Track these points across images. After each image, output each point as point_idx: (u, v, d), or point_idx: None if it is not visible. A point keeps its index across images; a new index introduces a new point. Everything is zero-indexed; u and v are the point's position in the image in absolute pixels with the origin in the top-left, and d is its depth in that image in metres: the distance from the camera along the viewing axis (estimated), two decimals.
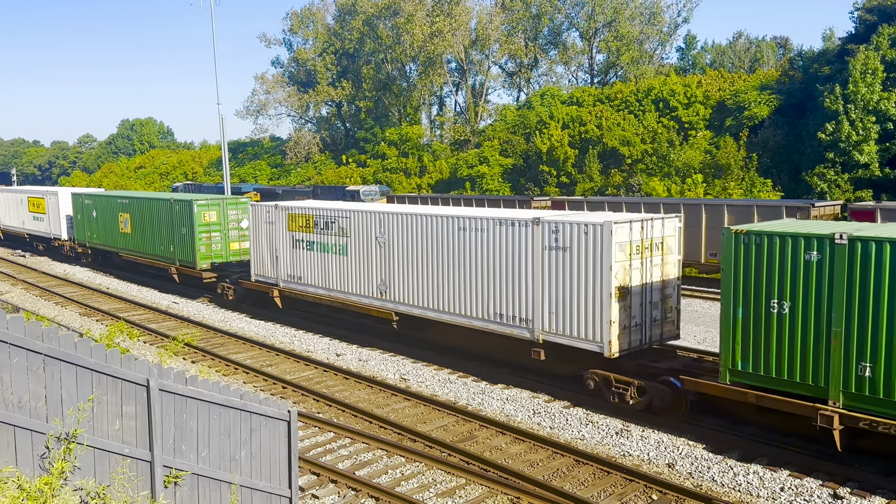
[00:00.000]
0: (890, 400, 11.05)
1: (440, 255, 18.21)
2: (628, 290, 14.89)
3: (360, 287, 20.64)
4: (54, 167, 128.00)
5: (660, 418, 14.37)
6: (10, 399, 6.51)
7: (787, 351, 12.13)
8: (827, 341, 11.71)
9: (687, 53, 65.01)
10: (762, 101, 43.81)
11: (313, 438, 14.27)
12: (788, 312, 12.06)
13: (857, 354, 11.37)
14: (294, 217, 22.54)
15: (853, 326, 11.38)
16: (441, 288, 18.29)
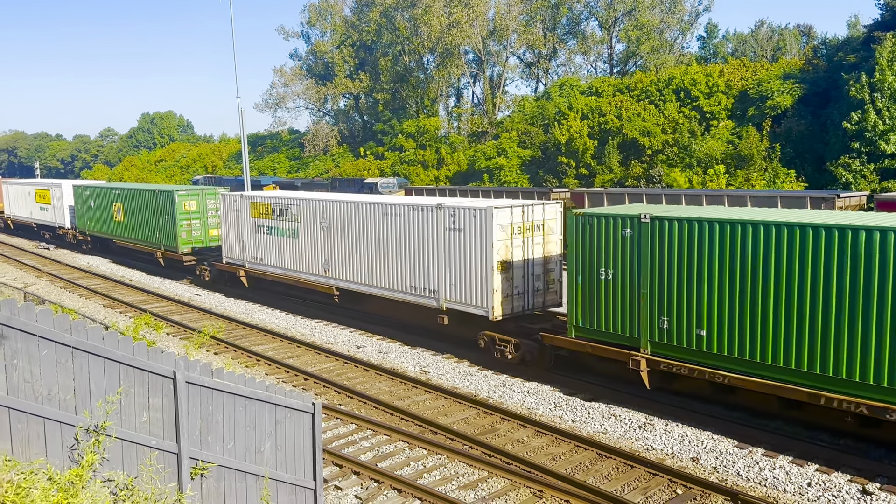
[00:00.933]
0: (682, 347, 13.84)
1: (370, 237, 20.81)
2: (510, 264, 17.57)
3: (309, 266, 23.24)
4: (76, 160, 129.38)
5: (681, 411, 14.27)
6: (39, 391, 6.56)
7: (612, 310, 14.93)
8: (638, 301, 14.45)
9: (708, 42, 64.21)
10: (785, 91, 43.19)
11: (335, 430, 14.32)
12: (612, 278, 14.85)
13: (658, 311, 14.10)
14: (256, 205, 25.10)
15: (655, 289, 14.12)
16: (371, 266, 20.87)
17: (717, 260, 13.21)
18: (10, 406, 6.38)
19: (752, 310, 12.80)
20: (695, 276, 13.51)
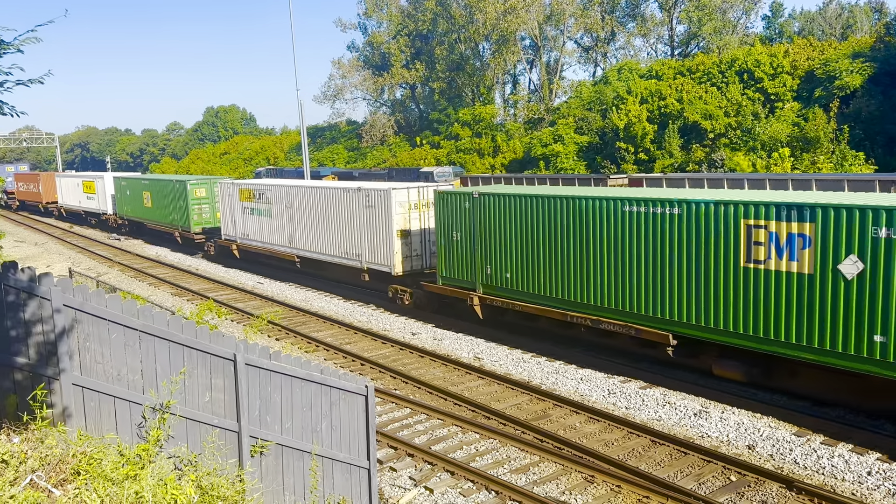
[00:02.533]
0: (498, 287, 19.01)
1: (318, 215, 26.09)
2: (409, 233, 22.64)
3: (279, 239, 28.64)
4: (145, 154, 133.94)
5: (737, 398, 14.08)
6: (110, 372, 7.02)
7: (460, 262, 20.03)
8: (473, 255, 19.68)
9: (773, 22, 62.13)
10: (855, 70, 41.52)
11: (391, 414, 14.66)
12: (459, 239, 19.94)
13: (484, 262, 19.26)
14: (242, 191, 30.74)
15: (482, 245, 19.21)
16: (320, 237, 26.13)
17: (516, 223, 18.18)
18: (84, 385, 6.85)
19: (537, 258, 17.79)
20: (503, 235, 18.57)
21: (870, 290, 11.92)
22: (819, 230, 12.48)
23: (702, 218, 14.26)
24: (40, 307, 6.59)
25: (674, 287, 14.91)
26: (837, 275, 12.34)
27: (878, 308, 11.86)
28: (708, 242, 14.21)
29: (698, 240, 14.38)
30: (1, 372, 6.51)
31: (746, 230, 13.56)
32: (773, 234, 13.18)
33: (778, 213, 13.10)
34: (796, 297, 12.95)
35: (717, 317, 14.20)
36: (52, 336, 6.61)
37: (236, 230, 31.55)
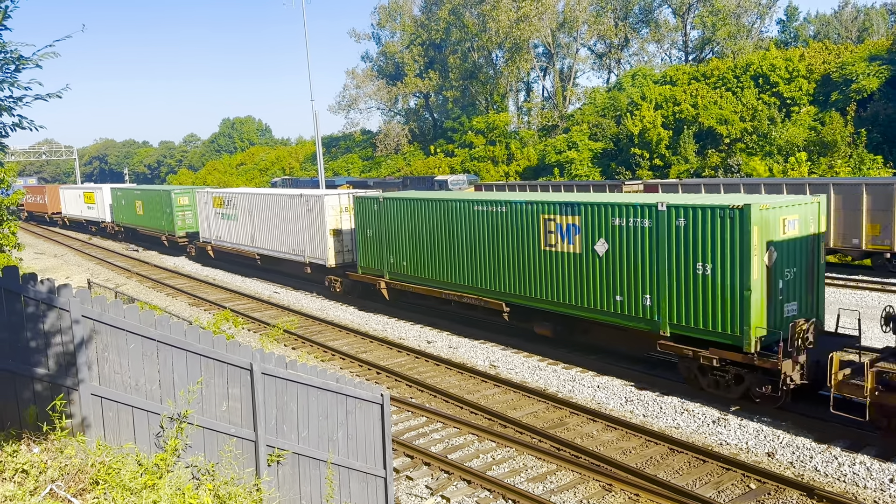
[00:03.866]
0: (399, 273, 22.97)
1: (270, 217, 30.18)
2: (340, 231, 26.56)
3: (243, 240, 32.66)
4: (162, 166, 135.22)
5: (757, 406, 13.94)
6: (128, 382, 7.08)
7: (373, 253, 24.05)
8: (381, 249, 23.41)
9: (788, 26, 61.79)
10: (871, 73, 41.18)
11: (407, 422, 14.65)
12: (371, 235, 23.93)
13: (388, 252, 23.24)
14: (215, 199, 34.63)
15: (387, 239, 23.14)
16: (273, 237, 30.15)
17: (408, 222, 22.29)
18: (103, 395, 6.91)
19: (422, 249, 21.88)
20: (401, 231, 22.60)
21: (612, 264, 16.12)
22: (583, 221, 16.63)
23: (518, 214, 18.41)
24: (59, 318, 6.66)
25: (505, 267, 19.07)
26: (595, 253, 16.44)
27: (617, 276, 16.02)
28: (522, 233, 18.36)
29: (516, 231, 18.55)
30: (21, 383, 6.58)
31: (544, 223, 17.68)
32: (559, 225, 17.32)
33: (561, 210, 17.19)
34: (573, 271, 17.09)
35: (530, 288, 18.36)
36: (70, 347, 6.68)
37: (211, 233, 35.60)
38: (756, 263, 13.62)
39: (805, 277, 14.60)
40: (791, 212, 14.22)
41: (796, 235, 14.32)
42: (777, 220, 13.98)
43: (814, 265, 14.73)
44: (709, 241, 14.20)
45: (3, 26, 6.11)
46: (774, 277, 13.99)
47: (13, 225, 21.63)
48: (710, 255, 14.21)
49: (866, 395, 11.73)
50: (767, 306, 13.88)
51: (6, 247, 20.65)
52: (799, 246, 14.44)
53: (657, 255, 15.19)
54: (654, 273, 15.30)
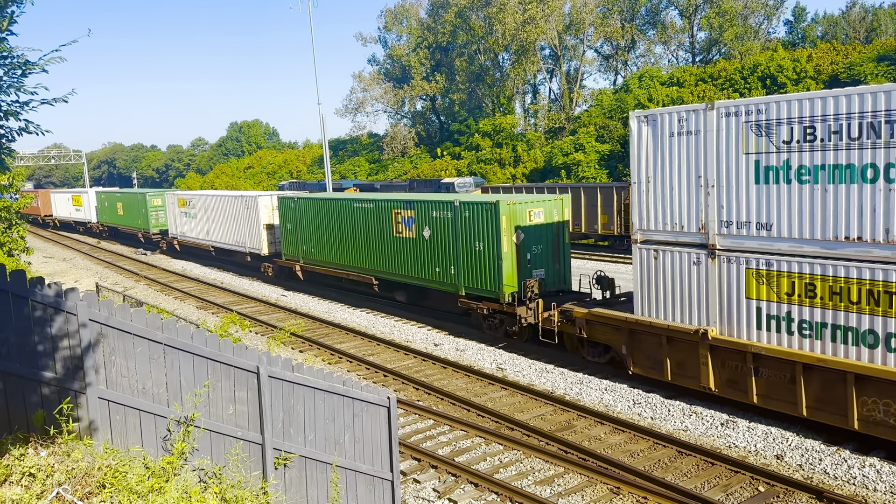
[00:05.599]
0: (311, 258, 28.52)
1: (221, 215, 35.32)
2: (272, 226, 31.98)
3: (201, 234, 37.76)
4: (170, 170, 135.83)
5: (770, 410, 13.86)
6: (135, 385, 7.09)
7: (292, 242, 29.50)
8: (297, 239, 29.07)
9: (796, 26, 61.56)
10: (880, 73, 40.99)
11: (414, 425, 14.64)
12: (291, 228, 29.40)
13: (301, 241, 28.72)
14: (180, 200, 40.02)
15: (301, 231, 28.78)
16: (224, 231, 35.28)
17: (314, 217, 27.93)
18: (110, 399, 6.93)
19: (323, 237, 27.56)
20: (309, 224, 28.22)
21: (433, 245, 21.92)
22: (416, 214, 22.48)
23: (380, 210, 24.23)
24: (67, 322, 6.68)
25: (373, 250, 24.86)
26: (423, 238, 22.27)
27: (436, 254, 21.87)
28: (382, 224, 24.17)
29: (379, 222, 24.34)
30: (28, 386, 6.60)
31: (394, 216, 23.52)
32: (403, 217, 23.10)
33: (404, 206, 23.15)
34: (412, 251, 22.91)
35: (389, 266, 24.17)
36: (78, 350, 6.69)
37: (177, 229, 40.88)
38: (506, 242, 19.39)
39: (551, 252, 20.27)
40: (536, 206, 20.04)
41: (541, 222, 20.03)
42: (524, 212, 19.71)
43: (558, 243, 20.39)
44: (480, 227, 20.04)
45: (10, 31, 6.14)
46: (522, 251, 19.65)
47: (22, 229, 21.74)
48: (481, 237, 20.05)
49: (555, 326, 17.67)
50: (518, 272, 19.54)
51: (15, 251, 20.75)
52: (544, 230, 20.10)
53: (456, 238, 20.98)
54: (455, 251, 21.11)
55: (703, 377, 14.29)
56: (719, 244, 13.75)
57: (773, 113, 12.63)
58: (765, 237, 13.05)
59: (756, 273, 13.24)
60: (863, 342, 11.91)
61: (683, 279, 14.42)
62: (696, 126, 13.83)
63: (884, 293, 11.53)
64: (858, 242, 11.80)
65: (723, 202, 13.54)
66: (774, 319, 13.06)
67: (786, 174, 12.59)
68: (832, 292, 12.23)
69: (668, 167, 14.34)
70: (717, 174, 13.56)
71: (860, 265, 11.81)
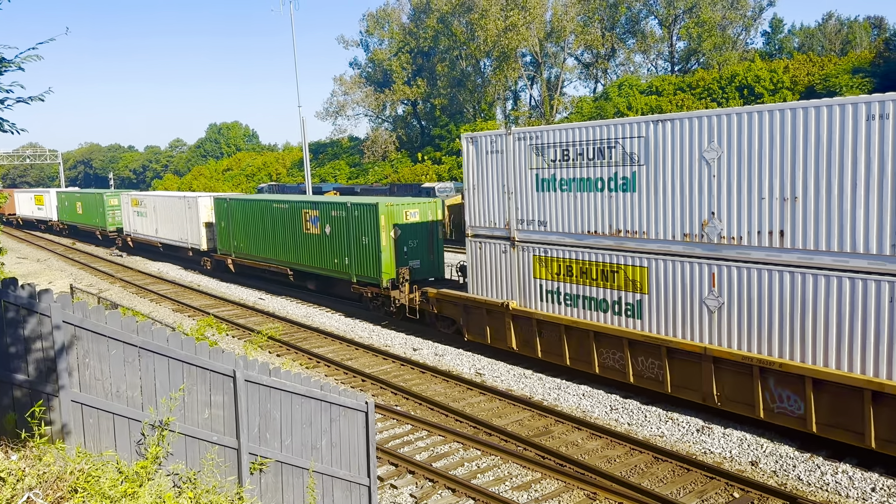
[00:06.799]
0: (241, 252, 32.00)
1: (168, 214, 38.23)
2: (211, 224, 34.55)
3: (151, 232, 41.03)
4: (147, 170, 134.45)
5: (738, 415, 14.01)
6: (109, 389, 6.99)
7: (226, 238, 32.84)
8: (229, 235, 32.48)
9: (773, 38, 62.49)
10: (855, 85, 41.71)
11: (392, 430, 14.59)
12: (224, 226, 32.73)
13: (233, 237, 32.29)
14: (133, 200, 43.33)
15: (232, 229, 32.31)
16: (170, 229, 38.21)
17: (241, 216, 31.34)
18: (83, 402, 6.83)
19: (249, 234, 30.91)
20: (239, 222, 31.58)
21: (333, 240, 25.50)
22: (320, 213, 26.06)
23: (292, 210, 27.69)
24: (40, 324, 6.58)
25: (288, 244, 28.25)
26: (325, 234, 25.82)
27: (335, 247, 25.49)
28: (295, 221, 27.68)
29: (292, 220, 27.85)
30: (0, 389, 6.49)
31: (304, 215, 27.02)
32: (311, 216, 26.63)
33: (311, 206, 26.71)
34: (318, 245, 26.42)
35: (300, 258, 27.69)
36: (51, 353, 6.59)
37: (130, 227, 44.04)
38: (385, 237, 23.10)
39: (426, 245, 23.76)
40: (412, 207, 23.78)
41: (417, 221, 23.62)
42: (401, 212, 23.43)
43: (433, 238, 23.89)
44: (366, 224, 23.74)
45: None
46: (399, 245, 23.29)
47: None
48: (366, 233, 23.75)
49: (416, 304, 21.65)
50: (395, 262, 23.20)
51: None
52: (420, 227, 23.67)
53: (349, 234, 24.58)
54: (348, 244, 24.71)
55: (509, 340, 18.34)
56: (517, 237, 17.71)
57: (545, 139, 16.49)
58: (543, 231, 17.02)
59: (538, 258, 17.23)
60: (599, 308, 15.95)
61: (496, 264, 18.44)
62: (501, 147, 17.67)
63: (610, 272, 15.60)
64: (595, 235, 15.77)
65: (518, 205, 17.45)
66: (549, 293, 17.10)
67: (553, 184, 16.51)
68: (582, 272, 16.21)
69: (485, 178, 18.28)
70: (514, 184, 17.48)
71: (596, 251, 15.79)
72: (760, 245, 12.77)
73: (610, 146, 15.04)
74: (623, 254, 15.16)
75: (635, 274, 14.98)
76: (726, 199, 13.20)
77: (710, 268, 13.58)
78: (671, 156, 14.02)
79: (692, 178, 13.70)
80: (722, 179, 13.21)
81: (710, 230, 13.51)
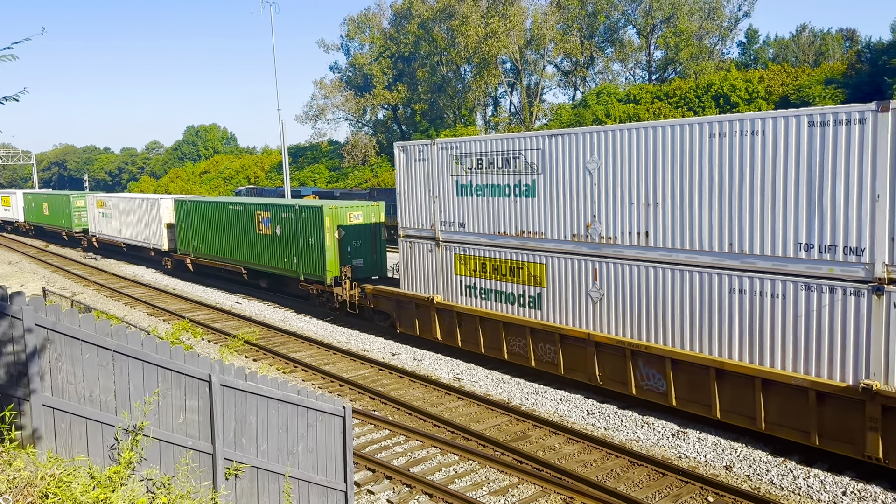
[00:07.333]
0: (199, 252, 33.14)
1: (132, 216, 39.63)
2: (172, 225, 35.68)
3: (115, 232, 42.18)
4: (124, 173, 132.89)
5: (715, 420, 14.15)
6: (82, 393, 6.90)
7: (185, 238, 34.05)
8: (188, 235, 33.71)
9: (748, 48, 63.39)
10: (828, 96, 42.43)
11: (369, 436, 14.54)
12: (184, 227, 34.06)
13: (191, 238, 33.55)
14: (99, 202, 44.30)
15: (190, 230, 33.60)
16: (133, 230, 39.52)
17: (199, 217, 32.60)
18: (55, 406, 6.73)
19: (206, 235, 32.18)
20: (197, 223, 32.79)
21: (283, 240, 26.99)
22: (271, 215, 27.57)
23: (246, 212, 29.28)
24: (11, 327, 6.48)
25: (243, 244, 29.72)
26: (276, 235, 27.47)
27: (285, 247, 26.92)
28: (248, 223, 29.20)
29: (246, 222, 29.37)
30: None
31: (257, 216, 28.53)
32: (263, 218, 28.16)
33: (262, 208, 28.26)
34: (269, 245, 27.97)
35: (254, 257, 29.15)
36: (22, 356, 6.49)
37: (96, 228, 45.06)
38: (329, 237, 24.59)
39: (369, 245, 25.24)
40: (355, 210, 25.47)
41: (360, 223, 25.15)
42: (345, 214, 25.06)
43: (375, 239, 25.27)
44: (312, 226, 25.22)
45: None
46: (343, 245, 24.77)
47: None
48: (313, 233, 25.20)
49: (356, 300, 23.46)
50: (340, 260, 24.64)
51: None
52: (363, 228, 25.18)
53: (297, 235, 26.04)
54: (296, 244, 26.20)
55: (434, 331, 19.98)
56: (441, 237, 19.39)
57: (464, 149, 18.27)
58: (462, 232, 18.75)
59: (459, 257, 19.00)
60: (508, 301, 17.73)
61: (424, 262, 20.06)
62: (428, 156, 19.34)
63: (517, 269, 17.37)
64: (505, 235, 17.57)
65: (442, 208, 19.13)
66: (468, 288, 18.87)
67: (470, 190, 18.28)
68: (494, 269, 18.00)
69: (415, 183, 19.89)
70: (438, 189, 19.14)
71: (505, 250, 17.53)
72: (631, 244, 14.74)
73: (515, 157, 16.93)
74: (526, 252, 17.06)
75: (536, 270, 16.91)
76: (605, 204, 15.15)
77: (593, 264, 15.54)
78: (563, 166, 15.90)
79: (579, 185, 15.61)
80: (601, 187, 15.15)
81: (592, 231, 15.51)
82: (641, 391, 14.83)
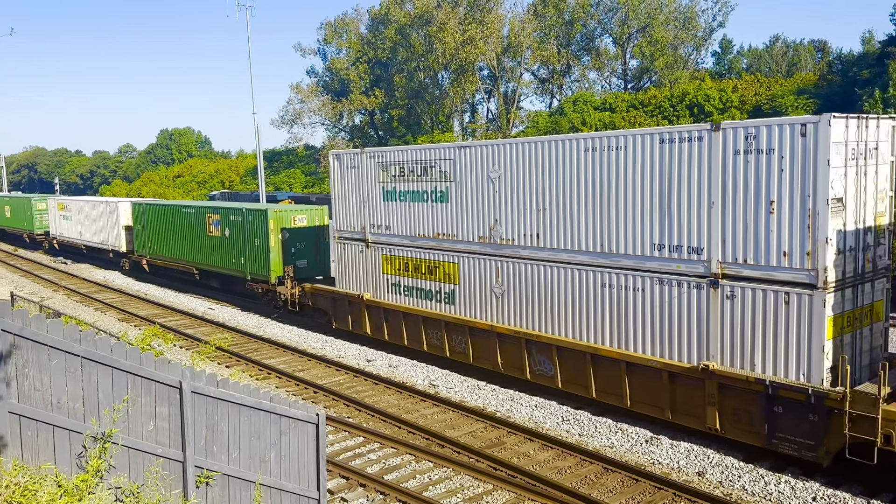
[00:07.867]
0: (155, 254, 34.04)
1: (91, 218, 40.44)
2: (131, 227, 36.37)
3: (76, 234, 42.67)
4: (95, 176, 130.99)
5: (689, 427, 14.25)
6: (49, 399, 6.77)
7: (143, 241, 34.93)
8: (144, 237, 34.95)
9: (723, 58, 64.23)
10: (800, 106, 43.09)
11: (343, 443, 14.44)
12: (141, 229, 35.11)
13: (149, 240, 34.45)
14: (59, 204, 45.37)
15: (147, 232, 34.45)
16: (93, 232, 40.34)
17: (155, 220, 33.60)
18: (21, 413, 6.59)
19: (162, 236, 33.02)
20: (153, 226, 33.84)
21: (232, 241, 28.20)
22: (221, 218, 28.71)
23: (198, 215, 30.21)
24: None
25: (195, 245, 30.68)
26: (225, 236, 28.69)
27: (234, 248, 28.08)
28: (199, 225, 30.13)
29: (197, 224, 30.32)
30: None
31: (207, 219, 29.52)
32: (213, 220, 29.19)
33: (213, 211, 29.51)
34: (219, 246, 29.08)
35: (205, 258, 30.15)
36: None
37: (57, 230, 45.89)
38: (273, 239, 26.04)
39: (313, 247, 26.46)
40: (299, 213, 27.06)
41: (304, 225, 26.64)
42: (289, 217, 26.57)
43: (319, 241, 26.62)
44: (258, 228, 26.61)
45: None
46: (287, 246, 25.94)
47: None
48: (258, 235, 26.63)
49: (297, 298, 24.51)
50: (284, 261, 25.81)
51: None
52: (307, 231, 26.52)
53: (244, 236, 27.36)
54: (244, 245, 27.48)
55: (364, 326, 21.48)
56: (370, 239, 20.94)
57: (389, 158, 19.96)
58: (388, 234, 20.33)
59: (385, 257, 20.57)
60: (427, 297, 19.34)
61: (356, 262, 21.61)
62: (358, 163, 20.92)
63: (434, 267, 18.98)
64: (424, 237, 19.17)
65: (371, 212, 20.70)
66: (393, 286, 20.40)
67: (394, 195, 19.84)
68: (415, 268, 19.58)
69: (347, 189, 21.47)
70: (367, 194, 20.72)
71: (424, 251, 19.13)
72: (526, 245, 16.52)
73: (432, 166, 18.59)
74: (442, 252, 18.68)
75: (450, 269, 18.55)
76: (504, 209, 16.92)
77: (496, 263, 17.28)
78: (471, 175, 17.62)
79: (484, 192, 17.36)
80: (501, 194, 16.94)
81: (495, 233, 17.23)
82: (534, 375, 16.58)
